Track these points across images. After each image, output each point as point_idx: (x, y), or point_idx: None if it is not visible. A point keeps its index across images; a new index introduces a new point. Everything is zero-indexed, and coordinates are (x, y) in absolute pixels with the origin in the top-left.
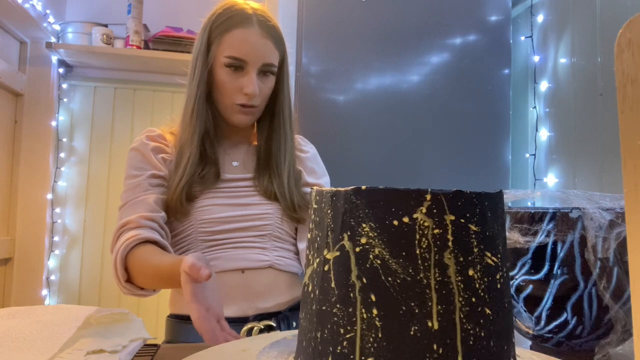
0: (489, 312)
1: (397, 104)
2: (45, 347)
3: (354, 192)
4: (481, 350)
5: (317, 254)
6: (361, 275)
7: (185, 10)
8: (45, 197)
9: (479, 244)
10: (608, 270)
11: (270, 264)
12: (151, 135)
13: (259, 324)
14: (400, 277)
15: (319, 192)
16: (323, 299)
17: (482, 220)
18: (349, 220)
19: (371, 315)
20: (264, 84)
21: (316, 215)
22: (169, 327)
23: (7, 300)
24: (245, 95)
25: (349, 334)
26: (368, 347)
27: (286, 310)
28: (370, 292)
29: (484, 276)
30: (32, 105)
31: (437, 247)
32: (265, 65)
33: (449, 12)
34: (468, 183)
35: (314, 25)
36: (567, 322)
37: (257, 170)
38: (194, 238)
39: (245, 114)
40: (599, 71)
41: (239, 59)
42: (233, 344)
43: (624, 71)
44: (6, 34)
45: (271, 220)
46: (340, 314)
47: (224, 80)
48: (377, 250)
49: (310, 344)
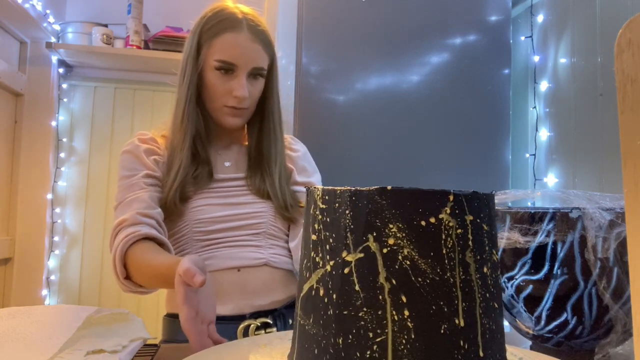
0: (496, 306)
1: (397, 104)
2: (45, 347)
3: (378, 192)
4: (492, 343)
5: (330, 256)
6: (390, 277)
7: (185, 10)
8: (45, 197)
9: (489, 243)
10: (608, 270)
11: (266, 261)
12: (143, 138)
13: (255, 322)
14: (430, 277)
15: (328, 192)
16: (344, 303)
17: (490, 220)
18: (375, 221)
19: (402, 317)
20: (253, 87)
21: (325, 215)
22: (166, 326)
23: (7, 300)
24: (235, 98)
25: (380, 337)
26: (401, 349)
27: (282, 308)
28: (400, 293)
29: (492, 272)
30: (32, 105)
31: (460, 246)
32: (255, 69)
33: (449, 12)
34: (468, 183)
35: (314, 25)
36: (567, 322)
37: (249, 170)
38: (189, 238)
39: (235, 116)
40: (599, 71)
41: (229, 62)
42: (234, 343)
43: (624, 71)
44: (6, 34)
45: (265, 218)
46: (367, 317)
47: (214, 83)
48: (406, 250)
49: (327, 351)
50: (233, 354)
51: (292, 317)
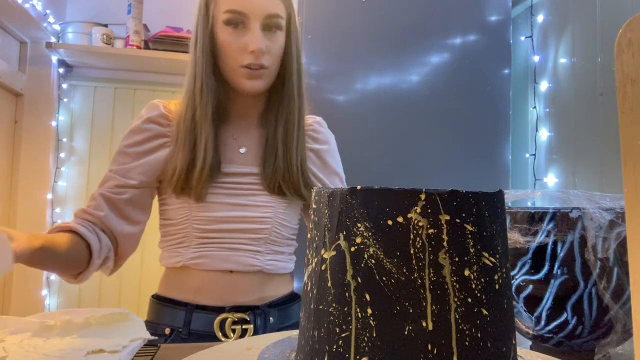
0: (486, 313)
1: (397, 104)
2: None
3: (349, 192)
4: (477, 351)
5: (315, 253)
6: (356, 275)
7: (185, 10)
8: (45, 197)
9: (476, 244)
10: (608, 270)
11: (261, 268)
12: (152, 117)
13: (232, 316)
14: (395, 277)
15: (317, 193)
16: (320, 298)
17: (478, 220)
18: (345, 220)
19: (366, 315)
20: (271, 41)
21: (315, 215)
22: (151, 308)
23: (7, 300)
24: (251, 53)
25: (345, 333)
26: (363, 347)
27: (264, 306)
28: (364, 291)
29: (480, 276)
30: (32, 105)
31: (431, 247)
32: (269, 16)
33: (449, 12)
34: (468, 183)
35: (314, 26)
36: (567, 322)
37: (265, 161)
38: (189, 232)
39: (253, 78)
40: (599, 71)
41: (238, 12)
42: (236, 343)
43: (624, 71)
44: (6, 34)
45: (269, 225)
46: (336, 313)
47: (227, 41)
48: (372, 249)
49: (308, 343)
50: (233, 354)
51: (273, 316)
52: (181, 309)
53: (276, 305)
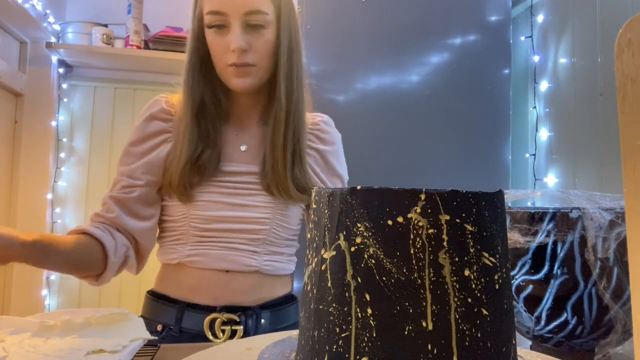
0: (486, 313)
1: (397, 104)
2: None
3: (349, 192)
4: (477, 351)
5: (315, 253)
6: (356, 275)
7: (185, 10)
8: (45, 197)
9: (476, 244)
10: (608, 270)
11: (258, 269)
12: (154, 113)
13: (222, 317)
14: (395, 277)
15: (317, 192)
16: (320, 298)
17: (478, 220)
18: (345, 220)
19: (366, 315)
20: (254, 38)
21: (315, 215)
22: (146, 303)
23: (7, 300)
24: (233, 52)
25: (345, 333)
26: (363, 347)
27: (257, 307)
28: (364, 291)
29: (480, 276)
30: (32, 105)
31: (431, 247)
32: (249, 13)
33: (449, 12)
34: (468, 183)
35: (314, 26)
36: (567, 322)
37: (264, 159)
38: (186, 230)
39: (240, 75)
40: (599, 71)
41: (217, 12)
42: (236, 342)
43: (624, 71)
44: (6, 34)
45: (268, 226)
46: (336, 313)
47: (212, 42)
48: (372, 250)
49: (308, 343)
50: (233, 354)
51: (265, 317)
52: (174, 306)
53: (270, 307)
